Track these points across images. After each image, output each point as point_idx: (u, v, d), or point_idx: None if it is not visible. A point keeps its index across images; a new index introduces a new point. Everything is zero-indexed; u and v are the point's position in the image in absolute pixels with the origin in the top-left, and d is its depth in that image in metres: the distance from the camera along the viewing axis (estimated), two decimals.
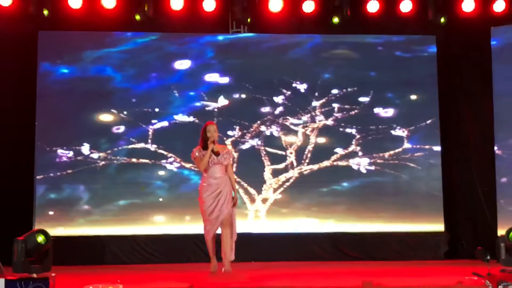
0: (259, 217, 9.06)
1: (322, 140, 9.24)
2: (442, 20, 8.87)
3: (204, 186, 6.99)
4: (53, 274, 4.94)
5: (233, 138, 9.12)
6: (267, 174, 9.13)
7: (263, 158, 9.14)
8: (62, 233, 8.58)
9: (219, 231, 7.04)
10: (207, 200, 6.92)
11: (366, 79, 9.32)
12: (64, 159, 8.91)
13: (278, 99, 9.25)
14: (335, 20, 8.86)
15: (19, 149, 8.64)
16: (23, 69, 8.88)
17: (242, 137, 9.14)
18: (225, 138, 8.95)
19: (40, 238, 5.09)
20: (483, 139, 9.21)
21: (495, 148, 8.96)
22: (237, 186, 7.65)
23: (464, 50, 9.29)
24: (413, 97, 9.36)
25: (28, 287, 4.71)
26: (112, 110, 9.04)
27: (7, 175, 8.49)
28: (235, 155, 8.92)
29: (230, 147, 7.17)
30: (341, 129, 9.26)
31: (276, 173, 9.17)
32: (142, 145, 9.05)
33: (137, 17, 8.68)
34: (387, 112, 9.30)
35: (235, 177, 7.56)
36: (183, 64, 9.23)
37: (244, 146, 9.13)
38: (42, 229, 5.22)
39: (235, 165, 8.78)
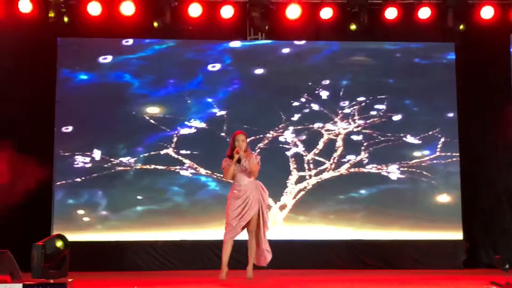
0: (275, 223, 9.03)
1: (339, 147, 9.21)
2: (461, 27, 8.81)
3: (233, 192, 7.06)
4: (70, 280, 4.97)
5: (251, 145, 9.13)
6: (284, 181, 9.12)
7: (280, 165, 9.13)
8: (80, 239, 8.63)
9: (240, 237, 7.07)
10: (233, 205, 6.98)
11: (384, 86, 9.29)
12: (83, 164, 8.97)
13: (296, 105, 9.25)
14: (353, 27, 8.84)
15: (38, 155, 8.70)
16: (42, 75, 8.96)
17: (258, 143, 9.14)
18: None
19: (59, 243, 5.10)
20: (503, 147, 9.13)
21: None
22: None
23: (483, 57, 9.22)
24: (432, 104, 9.31)
25: None
26: (130, 116, 9.09)
27: (26, 181, 8.56)
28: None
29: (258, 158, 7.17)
30: (358, 136, 9.23)
31: (293, 180, 9.15)
32: (159, 151, 9.08)
33: (155, 24, 8.73)
34: (404, 119, 9.26)
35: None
36: (201, 71, 9.27)
37: (263, 153, 9.13)
38: (60, 234, 5.23)
39: None
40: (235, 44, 9.37)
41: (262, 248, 7.07)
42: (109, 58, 9.19)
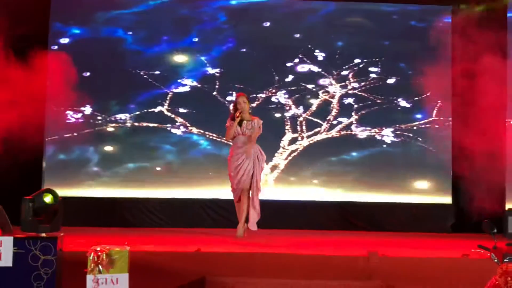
0: (267, 184, 9.09)
1: (333, 108, 9.21)
2: None
3: (231, 154, 7.26)
4: (61, 234, 4.99)
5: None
6: (277, 142, 9.13)
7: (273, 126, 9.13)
8: (71, 194, 8.66)
9: None
10: (232, 167, 7.19)
11: (380, 48, 9.24)
12: (74, 120, 8.94)
13: (291, 65, 9.21)
14: None
15: (29, 109, 8.64)
16: (36, 29, 8.84)
17: (252, 103, 9.12)
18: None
19: (48, 198, 5.10)
20: (495, 111, 9.13)
21: (507, 120, 8.90)
22: None
23: (480, 22, 9.15)
24: (427, 68, 9.26)
25: (36, 245, 4.77)
26: (123, 72, 9.03)
27: (17, 136, 8.52)
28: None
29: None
30: (352, 99, 9.22)
31: (285, 141, 9.17)
32: (151, 109, 9.05)
33: None
34: (398, 83, 9.24)
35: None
36: (195, 28, 9.18)
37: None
38: (50, 189, 5.23)
39: None
40: (231, 1, 9.26)
41: (251, 209, 7.18)
42: (102, 13, 9.08)
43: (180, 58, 9.15)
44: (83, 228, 7.85)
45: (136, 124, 9.05)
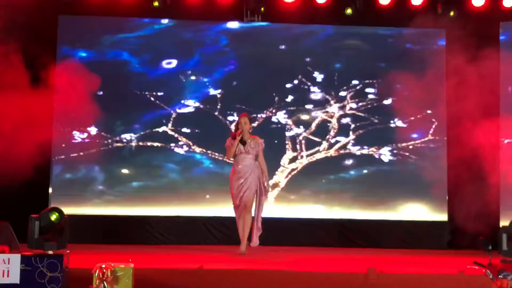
0: (267, 202, 9.05)
1: (331, 128, 9.23)
2: (451, 13, 8.82)
3: (234, 173, 7.25)
4: (67, 251, 4.99)
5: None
6: (277, 161, 9.14)
7: (273, 145, 9.14)
8: (77, 212, 8.64)
9: None
10: (234, 186, 7.20)
11: (376, 70, 9.28)
12: (80, 140, 8.96)
13: (290, 86, 9.24)
14: (348, 11, 8.83)
15: (37, 130, 8.66)
16: (43, 51, 8.88)
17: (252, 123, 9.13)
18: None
19: (54, 216, 5.11)
20: (489, 131, 9.13)
21: (501, 139, 8.92)
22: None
23: (473, 44, 9.19)
24: (422, 89, 9.29)
25: (43, 262, 4.77)
26: (128, 94, 9.06)
27: (25, 156, 8.52)
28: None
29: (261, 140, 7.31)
30: (350, 119, 9.24)
31: (286, 160, 9.18)
32: (155, 129, 9.08)
33: (156, 3, 8.68)
34: (395, 103, 9.26)
35: None
36: (198, 51, 9.23)
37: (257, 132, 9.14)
38: (56, 207, 5.23)
39: None
40: (232, 25, 9.33)
41: (254, 227, 7.20)
42: (108, 37, 9.14)
43: (183, 80, 9.19)
44: (88, 245, 7.84)
45: (141, 143, 9.07)
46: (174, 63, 9.22)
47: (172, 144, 9.09)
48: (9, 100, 8.56)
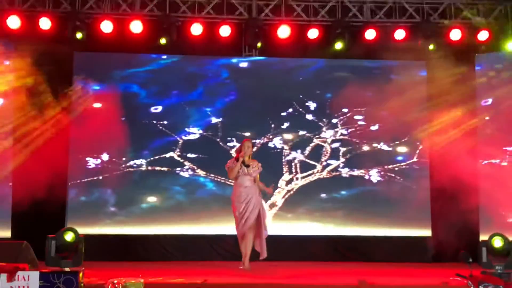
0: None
1: (324, 153, 9.25)
2: (431, 47, 8.90)
3: (236, 194, 7.21)
4: (82, 268, 4.98)
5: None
6: (274, 183, 9.13)
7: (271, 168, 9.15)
8: (90, 232, 8.62)
9: None
10: (238, 207, 7.16)
11: (364, 99, 9.32)
12: (94, 166, 8.97)
13: (285, 115, 9.29)
14: (338, 46, 8.90)
15: (54, 157, 8.67)
16: (59, 85, 8.93)
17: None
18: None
19: (69, 236, 5.12)
20: (468, 152, 9.16)
21: (479, 160, 8.94)
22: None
23: (451, 74, 9.26)
24: (406, 116, 9.34)
25: (60, 279, 4.77)
26: (137, 123, 9.10)
27: (44, 182, 8.52)
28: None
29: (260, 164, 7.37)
30: (340, 143, 9.27)
31: (282, 182, 9.19)
32: (163, 154, 9.10)
33: (163, 41, 8.75)
34: (381, 129, 9.30)
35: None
36: (201, 84, 9.30)
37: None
38: (71, 228, 5.25)
39: None
40: (232, 60, 9.41)
41: (258, 245, 7.20)
42: (119, 71, 9.21)
43: (188, 110, 9.24)
44: (101, 262, 7.80)
45: (150, 168, 9.09)
46: (179, 94, 9.28)
47: (178, 168, 9.11)
48: (34, 127, 8.63)
